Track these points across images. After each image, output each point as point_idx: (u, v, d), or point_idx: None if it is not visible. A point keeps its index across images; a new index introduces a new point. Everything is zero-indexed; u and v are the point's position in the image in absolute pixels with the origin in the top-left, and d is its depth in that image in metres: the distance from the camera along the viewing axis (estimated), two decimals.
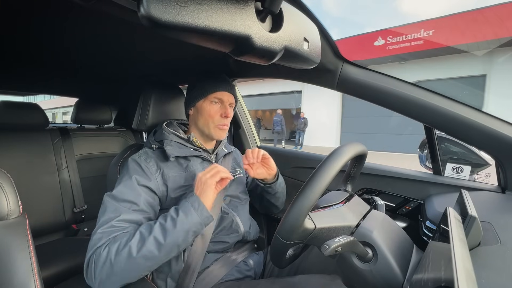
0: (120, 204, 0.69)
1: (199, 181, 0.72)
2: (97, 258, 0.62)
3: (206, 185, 0.70)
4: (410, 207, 0.94)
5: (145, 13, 0.33)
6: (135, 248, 0.61)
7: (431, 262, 0.44)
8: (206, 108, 0.85)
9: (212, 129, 0.86)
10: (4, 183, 0.55)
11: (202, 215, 0.67)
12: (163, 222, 0.65)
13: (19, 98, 2.32)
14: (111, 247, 0.62)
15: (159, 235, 0.63)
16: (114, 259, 0.60)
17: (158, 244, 0.62)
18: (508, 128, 0.72)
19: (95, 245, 0.64)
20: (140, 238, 0.63)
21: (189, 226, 0.65)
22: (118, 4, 0.53)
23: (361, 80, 0.81)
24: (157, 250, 0.62)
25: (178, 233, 0.64)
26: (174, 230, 0.64)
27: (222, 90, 0.85)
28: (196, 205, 0.67)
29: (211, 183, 0.70)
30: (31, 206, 1.26)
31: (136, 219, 0.69)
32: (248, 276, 0.87)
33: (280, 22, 0.48)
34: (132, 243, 0.61)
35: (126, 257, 0.60)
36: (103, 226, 0.66)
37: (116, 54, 1.10)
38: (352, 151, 0.60)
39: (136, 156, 0.81)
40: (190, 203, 0.68)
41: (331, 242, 0.48)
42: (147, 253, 0.61)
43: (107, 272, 0.60)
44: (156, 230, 0.64)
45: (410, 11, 21.36)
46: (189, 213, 0.66)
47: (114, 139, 1.67)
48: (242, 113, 1.44)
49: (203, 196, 0.69)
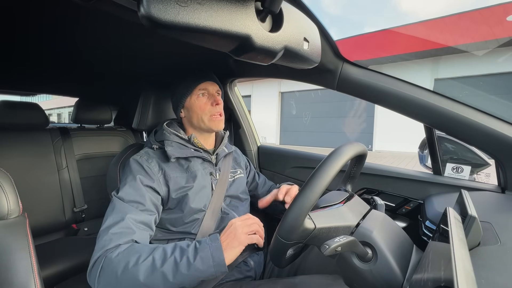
0: (127, 204, 0.69)
1: (233, 230, 0.68)
2: (106, 264, 0.60)
3: (239, 240, 0.66)
4: (410, 207, 0.94)
5: (145, 13, 0.33)
6: (142, 275, 0.59)
7: (430, 262, 0.44)
8: (194, 103, 0.85)
9: (207, 121, 0.85)
10: (4, 182, 0.56)
11: (219, 270, 0.62)
12: (178, 260, 0.61)
13: (17, 98, 2.31)
14: (122, 259, 0.60)
15: (169, 272, 0.60)
16: (121, 274, 0.59)
17: (166, 280, 0.60)
18: (508, 128, 0.72)
19: (104, 247, 0.62)
20: (151, 266, 0.60)
21: (202, 276, 0.62)
22: (118, 4, 0.53)
23: (361, 80, 0.81)
24: (163, 284, 0.60)
25: (188, 277, 0.61)
26: (186, 273, 0.60)
27: (205, 81, 0.86)
28: (217, 256, 0.63)
29: (244, 239, 0.67)
30: (31, 205, 1.26)
31: (144, 219, 0.69)
32: (249, 276, 0.87)
33: (280, 22, 0.48)
34: (142, 267, 0.59)
35: (131, 278, 0.59)
36: (113, 228, 0.65)
37: (116, 54, 1.10)
38: (352, 151, 0.59)
39: (138, 157, 0.81)
40: (211, 251, 0.63)
41: (331, 242, 0.48)
42: (151, 284, 0.59)
43: (110, 282, 0.60)
44: (168, 264, 0.60)
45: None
46: (206, 263, 0.61)
47: (114, 139, 1.67)
48: (242, 113, 1.44)
49: (228, 248, 0.65)
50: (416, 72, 7.42)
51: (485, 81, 6.60)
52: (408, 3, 25.42)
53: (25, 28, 0.83)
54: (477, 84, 6.77)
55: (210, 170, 0.88)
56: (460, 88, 7.05)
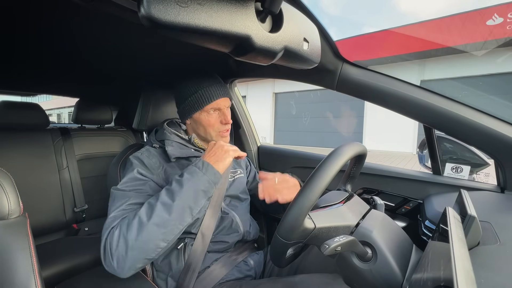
0: (128, 192, 0.70)
1: (219, 148, 0.72)
2: (111, 238, 0.61)
3: (227, 153, 0.70)
4: (410, 206, 0.94)
5: (145, 13, 0.34)
6: (145, 217, 0.60)
7: (430, 261, 0.45)
8: (204, 119, 0.82)
9: (215, 137, 0.85)
10: (5, 182, 0.56)
11: (209, 172, 0.66)
12: (169, 186, 0.65)
13: (18, 98, 2.32)
14: (122, 224, 0.62)
15: (166, 199, 0.62)
16: (127, 232, 0.60)
17: (167, 206, 0.61)
18: (507, 128, 0.72)
19: (108, 228, 0.64)
20: (149, 206, 0.62)
21: (197, 185, 0.64)
22: (118, 4, 0.53)
23: (361, 80, 0.82)
24: (167, 213, 0.61)
25: (186, 193, 0.63)
26: (181, 190, 0.62)
27: (218, 98, 0.81)
28: (200, 165, 0.67)
29: (233, 154, 0.72)
30: (32, 205, 1.26)
31: (145, 201, 0.69)
32: (249, 275, 0.87)
33: (280, 22, 0.48)
34: (141, 212, 0.61)
35: (137, 227, 0.59)
36: (115, 211, 0.66)
37: (116, 54, 1.10)
38: (351, 151, 0.60)
39: (139, 153, 0.81)
40: (194, 164, 0.67)
41: (330, 241, 0.48)
42: (158, 218, 0.60)
43: (122, 248, 0.60)
44: (163, 194, 0.63)
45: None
46: (194, 173, 0.65)
47: (114, 139, 1.67)
48: (242, 113, 1.44)
49: (217, 162, 0.69)
50: (402, 73, 7.61)
51: (468, 82, 6.97)
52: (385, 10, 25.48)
53: (25, 29, 0.83)
54: (455, 85, 7.02)
55: None
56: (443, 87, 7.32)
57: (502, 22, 5.75)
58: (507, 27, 5.74)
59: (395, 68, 7.71)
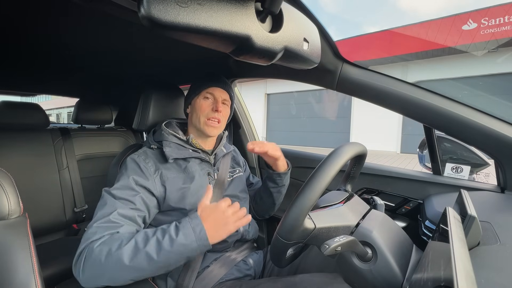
0: (117, 201, 0.70)
1: (219, 212, 0.66)
2: (89, 254, 0.61)
3: (226, 226, 0.66)
4: (410, 207, 0.94)
5: (145, 14, 0.34)
6: (126, 257, 0.59)
7: (430, 261, 0.45)
8: (199, 103, 0.87)
9: (203, 123, 0.85)
10: (5, 183, 0.56)
11: (201, 242, 0.63)
12: (160, 239, 0.62)
13: (18, 98, 2.32)
14: (104, 247, 0.61)
15: (153, 251, 0.60)
16: (105, 260, 0.59)
17: (150, 259, 0.60)
18: (507, 128, 0.72)
19: (89, 239, 0.63)
20: (134, 248, 0.61)
21: (186, 252, 0.62)
22: (118, 4, 0.53)
23: (361, 80, 0.82)
24: (148, 264, 0.60)
25: (172, 254, 0.61)
26: (170, 250, 0.61)
27: (214, 86, 0.88)
28: (198, 230, 0.63)
29: (232, 228, 0.66)
30: (32, 205, 1.26)
31: (131, 215, 0.69)
32: (248, 275, 0.87)
33: (280, 22, 0.48)
34: (125, 250, 0.60)
35: (115, 262, 0.59)
36: (99, 221, 0.66)
37: (117, 54, 1.10)
38: (351, 151, 0.60)
39: (135, 156, 0.81)
40: (192, 227, 0.64)
41: (331, 241, 0.48)
42: (137, 265, 0.59)
43: (95, 270, 0.60)
44: (151, 244, 0.61)
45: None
46: (188, 238, 0.62)
47: (114, 139, 1.67)
48: (242, 113, 1.44)
49: (214, 230, 0.65)
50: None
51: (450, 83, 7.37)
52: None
53: (25, 29, 0.83)
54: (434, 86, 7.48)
55: (208, 170, 0.88)
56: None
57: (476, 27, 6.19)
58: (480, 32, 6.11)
59: (381, 69, 8.13)
